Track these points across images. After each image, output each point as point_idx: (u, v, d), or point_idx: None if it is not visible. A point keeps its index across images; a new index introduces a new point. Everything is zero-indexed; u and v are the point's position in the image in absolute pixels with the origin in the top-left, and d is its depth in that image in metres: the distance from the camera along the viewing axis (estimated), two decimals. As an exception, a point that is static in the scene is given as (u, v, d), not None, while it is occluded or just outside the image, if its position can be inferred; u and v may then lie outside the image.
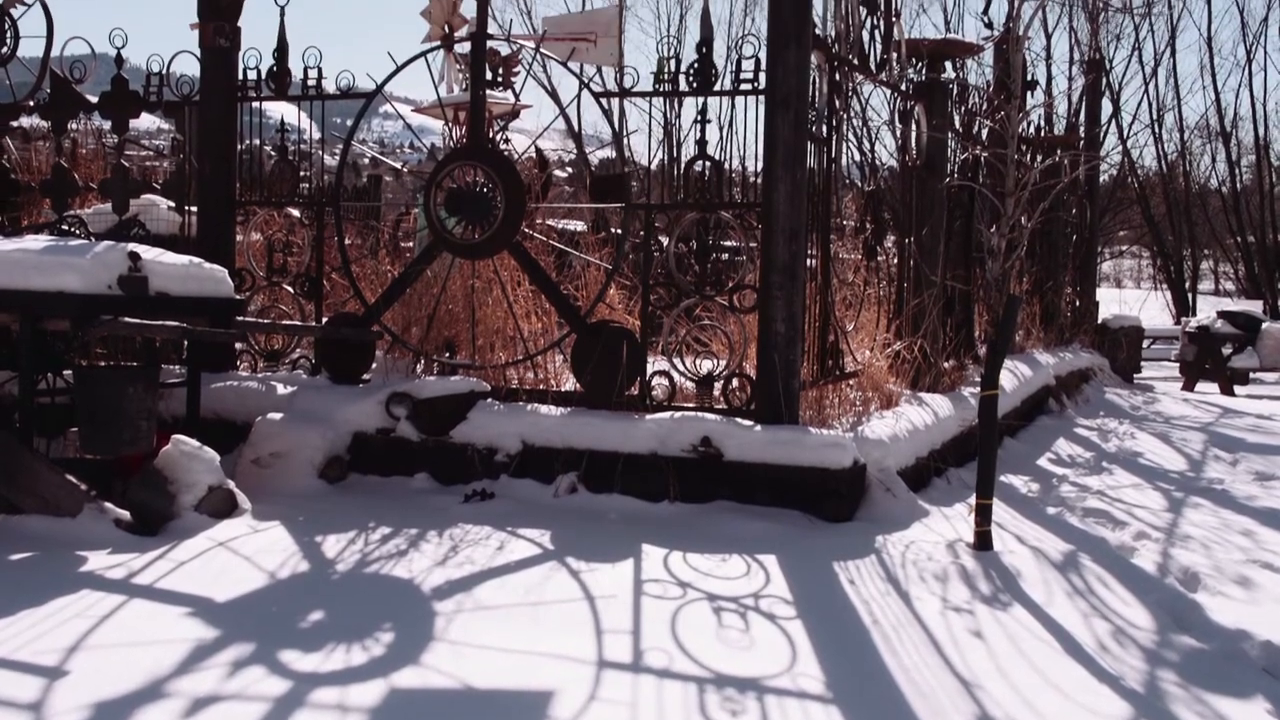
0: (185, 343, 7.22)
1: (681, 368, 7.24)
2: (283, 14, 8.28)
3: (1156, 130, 28.06)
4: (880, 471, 6.59)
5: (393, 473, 7.11)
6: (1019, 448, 9.20)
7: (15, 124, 9.42)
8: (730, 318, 7.26)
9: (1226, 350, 17.00)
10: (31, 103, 8.77)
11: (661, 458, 6.62)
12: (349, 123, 8.33)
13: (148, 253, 6.41)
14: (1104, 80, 24.54)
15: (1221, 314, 17.59)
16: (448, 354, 7.85)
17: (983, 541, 5.71)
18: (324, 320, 8.14)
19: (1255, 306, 20.11)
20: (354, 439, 7.16)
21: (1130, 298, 30.34)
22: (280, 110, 8.69)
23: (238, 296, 7.30)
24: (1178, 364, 17.89)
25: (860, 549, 5.68)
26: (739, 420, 6.69)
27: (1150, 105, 27.87)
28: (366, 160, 20.27)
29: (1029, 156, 12.72)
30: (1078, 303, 16.22)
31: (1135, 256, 45.07)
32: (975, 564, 5.45)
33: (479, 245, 7.48)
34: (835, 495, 6.32)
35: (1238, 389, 16.62)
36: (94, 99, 8.62)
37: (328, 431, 7.05)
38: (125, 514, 5.74)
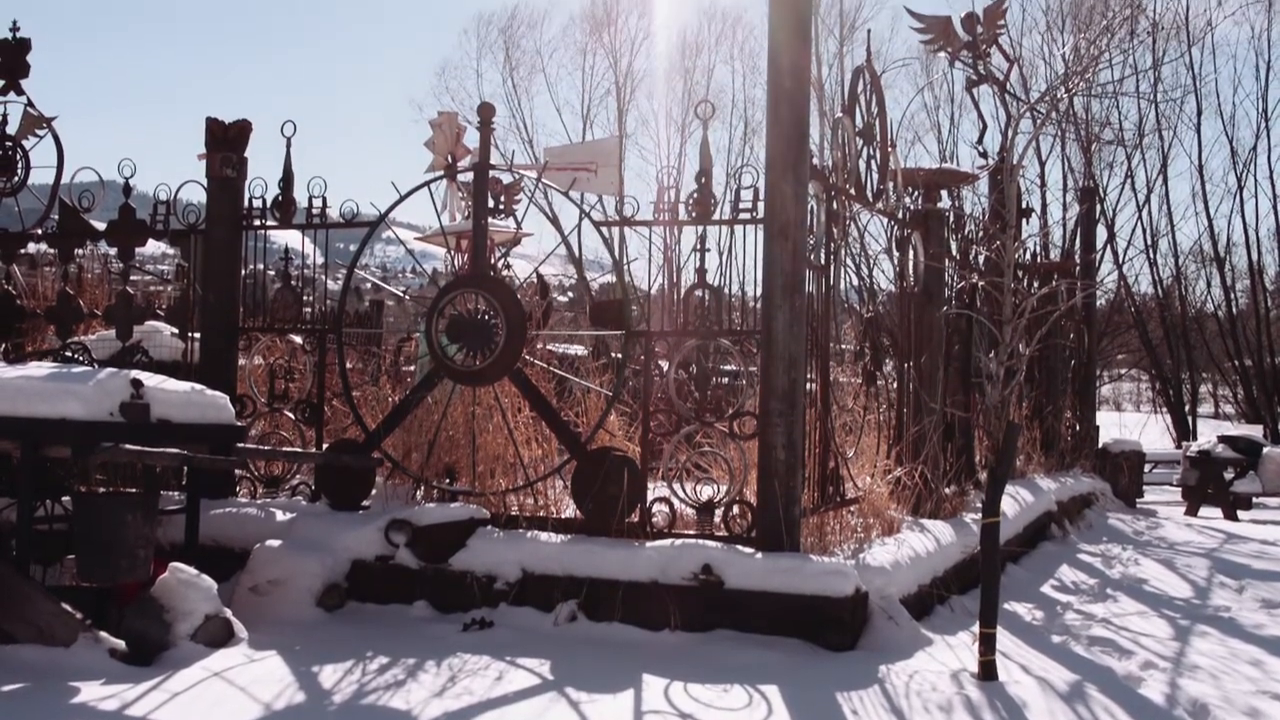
0: (185, 469, 7.21)
1: (682, 494, 7.22)
2: (289, 145, 8.43)
3: (1151, 255, 28.31)
4: (883, 599, 6.53)
5: (391, 600, 7.04)
6: (1022, 574, 9.13)
7: (23, 251, 9.53)
8: (730, 444, 7.26)
9: (1228, 475, 16.95)
10: (40, 230, 8.89)
11: (662, 586, 6.57)
12: (353, 247, 8.42)
13: (150, 380, 6.44)
14: (1098, 207, 24.86)
15: (1222, 438, 17.57)
16: (448, 480, 7.84)
17: (987, 671, 5.63)
18: (324, 446, 8.14)
19: (1256, 431, 20.09)
20: (353, 566, 7.11)
21: (1130, 421, 30.32)
22: (285, 236, 8.80)
23: (239, 423, 7.31)
24: (1180, 489, 17.82)
25: (863, 679, 5.60)
26: (740, 548, 6.65)
27: (1144, 231, 28.15)
28: (369, 285, 20.44)
29: (1026, 283, 12.84)
30: (1078, 427, 16.24)
31: (1134, 380, 45.16)
32: (980, 695, 5.38)
33: (480, 372, 7.52)
34: (837, 624, 6.26)
35: (1241, 514, 16.54)
36: (101, 225, 8.74)
37: (326, 559, 7.01)
38: (120, 643, 5.68)
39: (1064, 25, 27.71)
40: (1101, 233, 26.33)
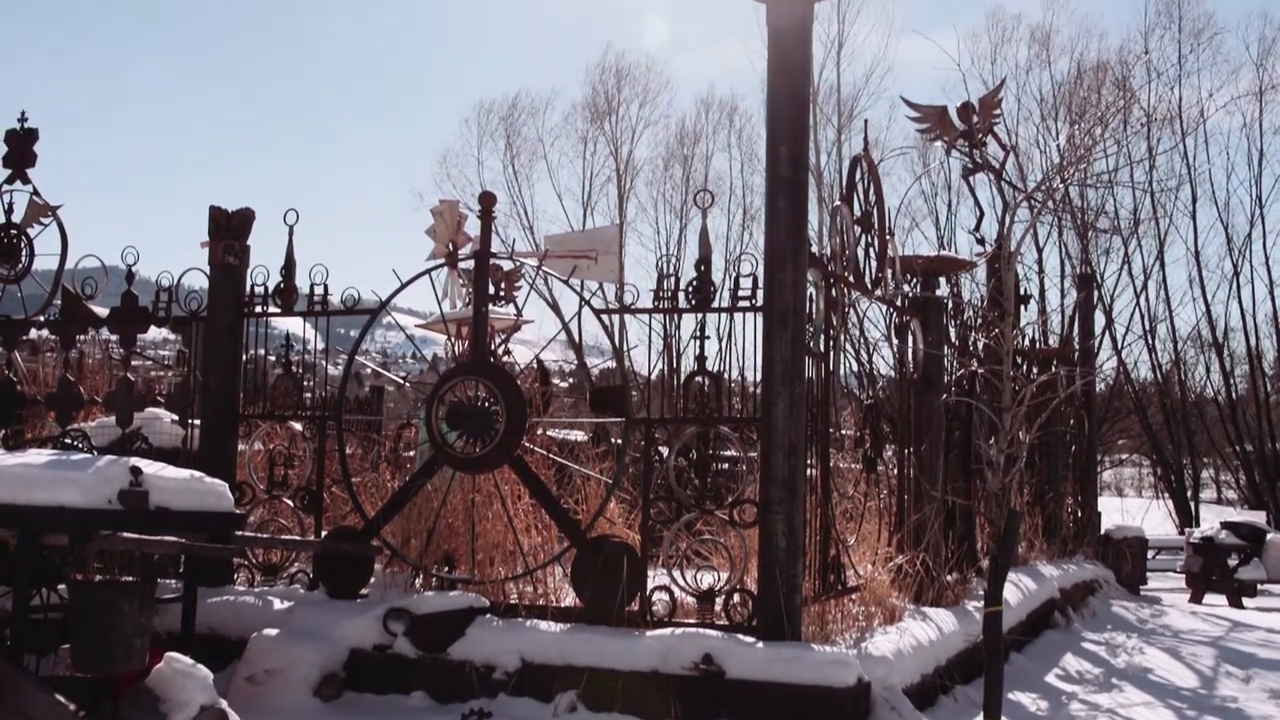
0: (183, 556, 7.17)
1: (682, 582, 7.18)
2: (291, 233, 8.48)
3: (1150, 341, 28.41)
4: (885, 689, 6.46)
5: (389, 690, 6.97)
6: (1026, 663, 9.04)
7: (24, 337, 9.56)
8: (731, 531, 7.23)
9: (1232, 562, 16.85)
10: (42, 317, 8.93)
11: (663, 675, 6.50)
12: (354, 332, 8.45)
13: (149, 467, 6.42)
14: (1096, 293, 24.98)
15: (1225, 524, 17.50)
16: (446, 568, 7.79)
17: (992, 764, 5.56)
18: (323, 534, 8.11)
19: (1258, 517, 20.03)
20: (350, 655, 7.04)
21: (1132, 506, 30.19)
22: (287, 322, 8.84)
23: (238, 510, 7.28)
24: (1184, 575, 17.71)
25: (867, 772, 5.53)
26: (741, 637, 6.59)
27: (1143, 316, 28.28)
28: (369, 371, 20.49)
29: (1025, 369, 12.87)
30: (1079, 513, 16.17)
31: (1136, 465, 45.05)
32: (985, 788, 5.31)
33: (480, 459, 7.51)
34: (840, 714, 6.18)
35: (1246, 601, 16.41)
36: (104, 311, 8.77)
37: (324, 648, 6.94)
38: (114, 735, 5.61)
39: (1058, 115, 28.09)
40: (1100, 318, 26.44)
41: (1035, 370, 12.98)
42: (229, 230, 8.62)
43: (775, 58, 6.99)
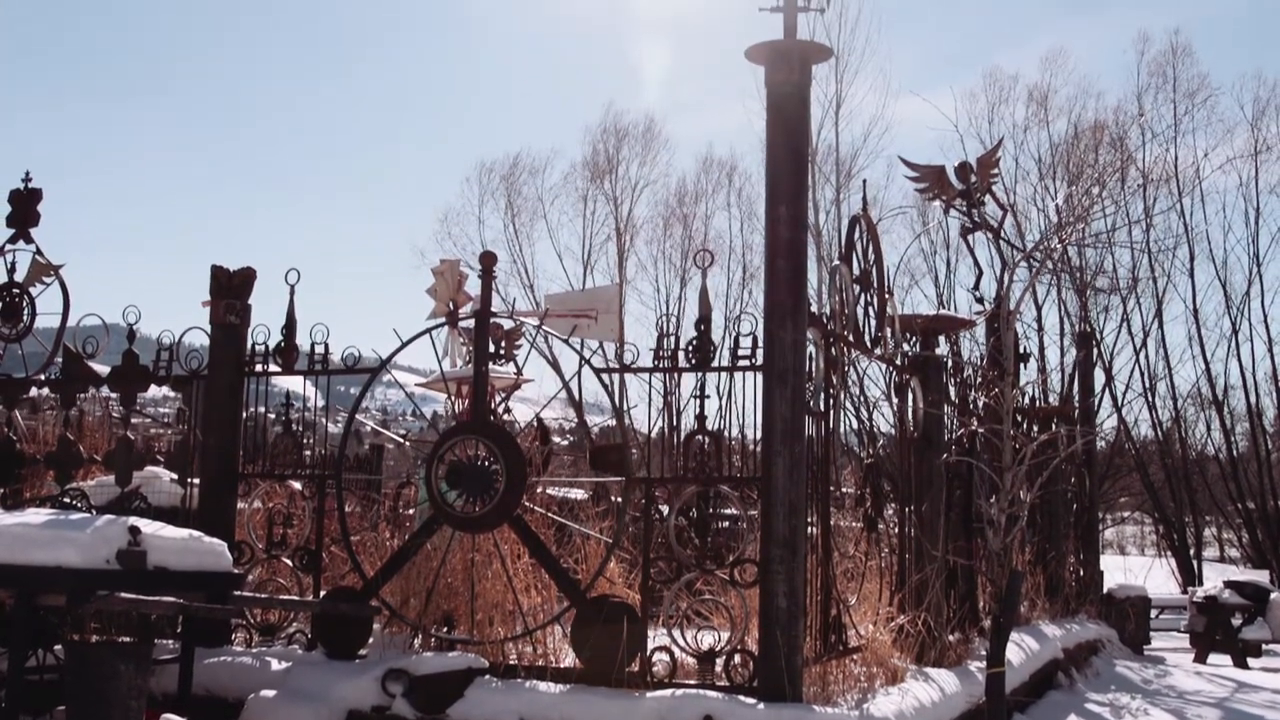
0: (181, 616, 7.13)
1: (683, 643, 7.14)
2: (292, 292, 8.50)
3: (1150, 399, 28.38)
4: (887, 752, 6.40)
5: (387, 753, 6.89)
6: (1029, 725, 8.96)
7: (25, 396, 9.56)
8: (732, 591, 7.19)
9: (1236, 621, 16.73)
10: (43, 376, 8.94)
11: (663, 737, 6.44)
12: (354, 390, 8.45)
13: (148, 527, 6.41)
14: (1095, 351, 25.00)
15: (1229, 584, 17.39)
16: (446, 628, 7.74)
17: (996, 829, 5.50)
18: (322, 594, 8.07)
19: (1262, 576, 19.90)
20: (349, 717, 6.97)
21: (1135, 565, 30.05)
22: (287, 380, 8.84)
23: (236, 570, 7.26)
24: (1187, 635, 17.59)
25: (869, 837, 5.47)
26: (742, 698, 6.54)
27: (1143, 374, 28.28)
28: (369, 428, 20.46)
29: (1025, 426, 12.86)
30: (1081, 572, 16.10)
31: (1138, 523, 44.89)
32: None
33: (479, 519, 7.48)
34: (842, 778, 6.12)
35: (1251, 661, 16.29)
36: (104, 369, 8.78)
37: (321, 709, 6.88)
38: (108, 799, 5.55)
39: (1056, 174, 28.24)
40: (1100, 376, 26.45)
41: (1036, 428, 12.98)
42: (231, 289, 8.65)
43: (774, 120, 7.05)
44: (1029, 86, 29.44)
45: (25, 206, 8.87)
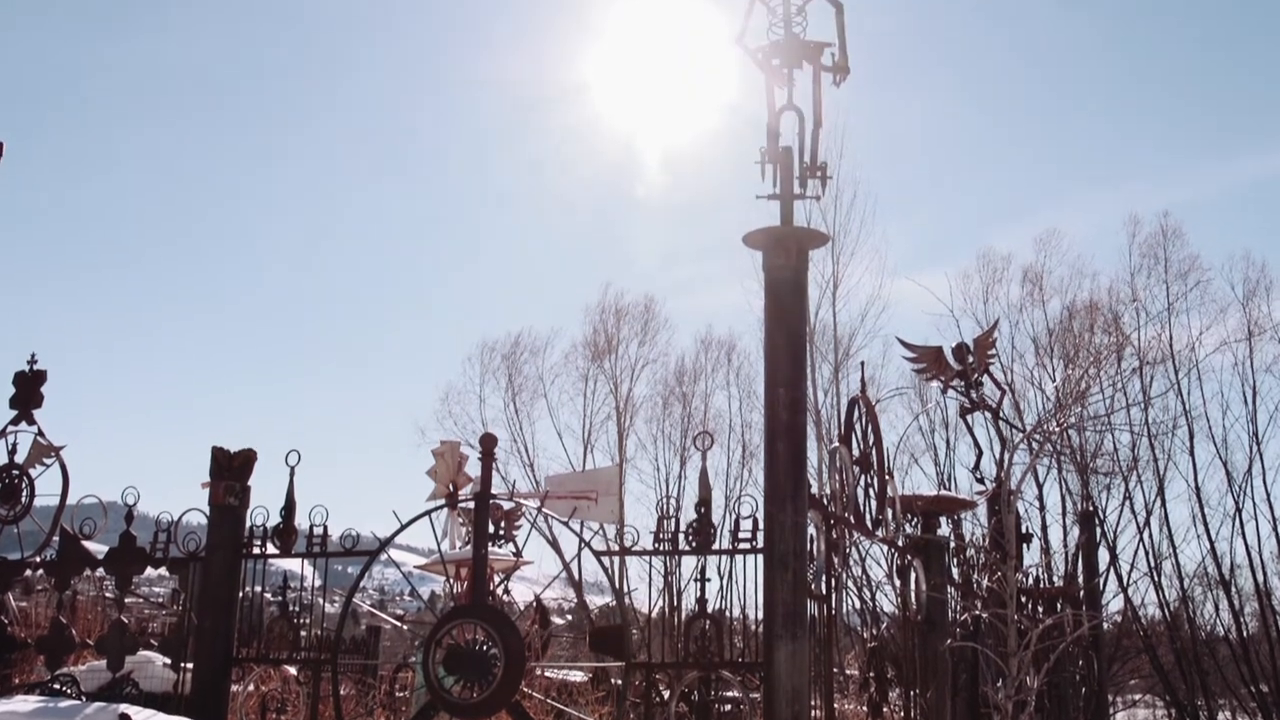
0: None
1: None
2: (292, 474, 8.51)
3: (1156, 578, 28.09)
4: None
5: None
6: None
7: (19, 577, 9.49)
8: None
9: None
10: (39, 559, 8.88)
11: None
12: (351, 569, 8.38)
13: (139, 714, 6.30)
14: (1098, 529, 24.85)
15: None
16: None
17: None
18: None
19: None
20: None
21: (1148, 751, 29.32)
22: (285, 560, 8.78)
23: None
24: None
25: None
26: None
27: (1147, 553, 28.04)
28: (365, 608, 20.25)
29: (1030, 608, 12.70)
30: (1093, 759, 15.69)
31: (1149, 706, 43.92)
32: None
33: (477, 705, 7.34)
34: None
35: None
36: (101, 549, 8.73)
37: None
38: None
39: (1053, 353, 28.49)
40: (1104, 555, 26.24)
41: (1041, 609, 12.81)
42: (231, 470, 8.65)
43: (772, 304, 7.16)
44: (1023, 267, 29.94)
45: (29, 389, 8.95)
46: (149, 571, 10.50)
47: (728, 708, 11.84)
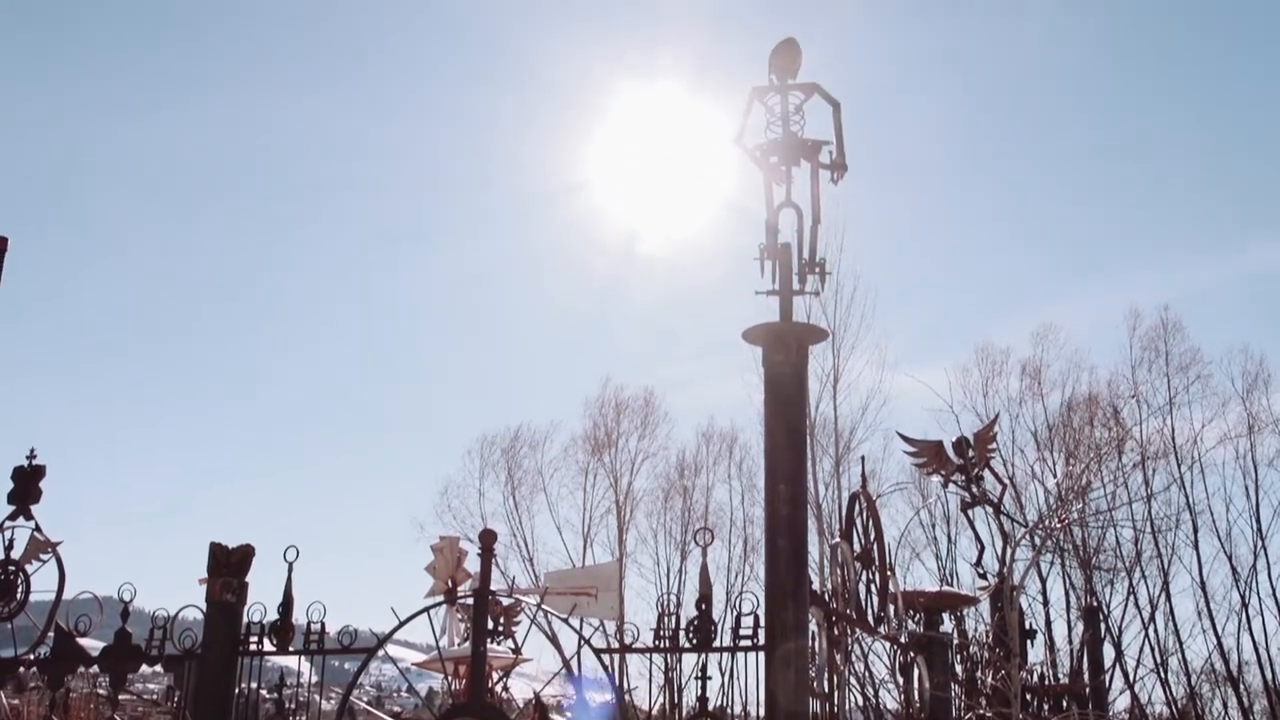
0: None
1: None
2: (290, 570, 8.44)
3: (1162, 674, 27.78)
4: None
5: None
6: None
7: (12, 675, 9.38)
8: None
9: None
10: (32, 656, 8.78)
11: None
12: (349, 665, 8.29)
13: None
14: (1103, 624, 24.62)
15: None
16: None
17: None
18: None
19: None
20: None
21: None
22: (282, 657, 8.69)
23: None
24: None
25: None
26: None
27: (1153, 649, 27.74)
28: (361, 705, 20.00)
29: (1035, 704, 12.54)
30: None
31: (1157, 806, 43.15)
32: None
33: (474, 807, 7.22)
34: None
35: None
36: (97, 643, 8.64)
37: None
38: None
39: (1053, 446, 28.44)
40: (1109, 650, 25.97)
41: (1046, 707, 12.66)
42: (229, 567, 8.59)
43: (772, 400, 7.17)
44: (1021, 361, 30.02)
45: (28, 484, 8.92)
46: (144, 668, 10.40)
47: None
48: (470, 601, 7.97)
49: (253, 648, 8.40)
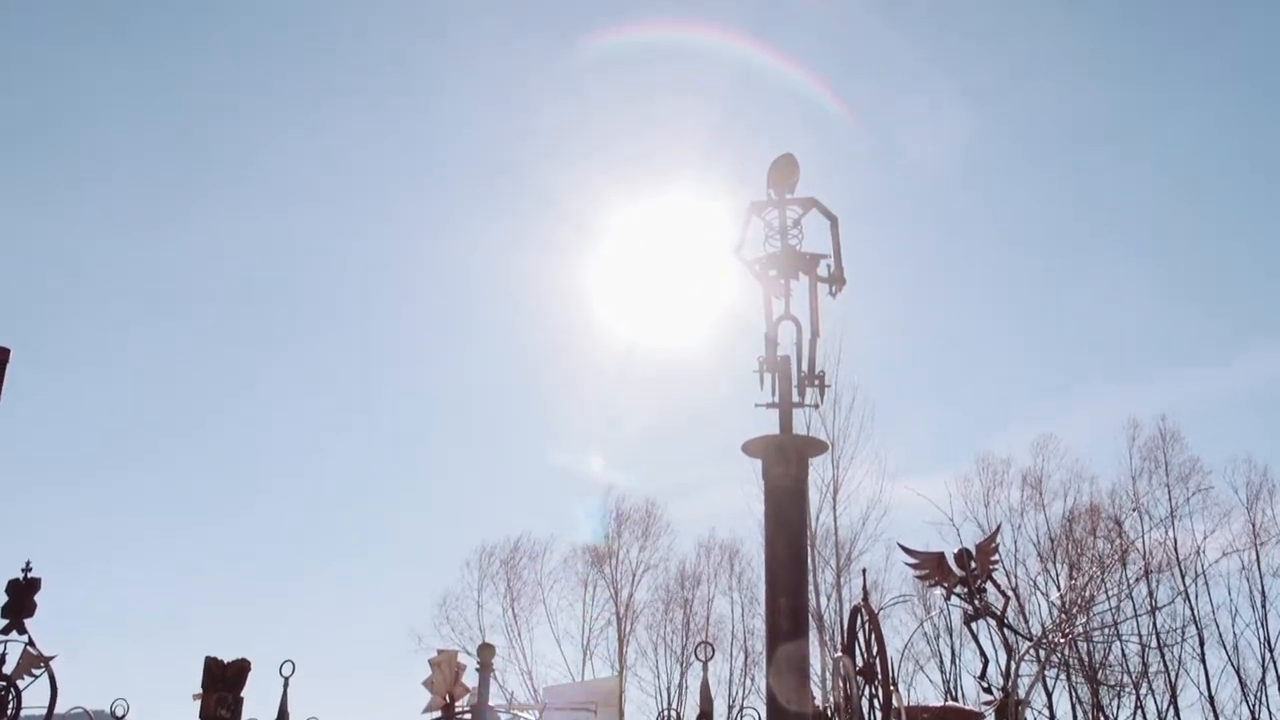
0: None
1: None
2: (286, 684, 8.37)
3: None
4: None
5: None
6: None
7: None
8: None
9: None
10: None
11: None
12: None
13: None
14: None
15: None
16: None
17: None
18: None
19: None
20: None
21: None
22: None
23: None
24: None
25: None
26: None
27: (1169, 769, 27.26)
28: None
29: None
30: None
31: None
32: None
33: None
34: None
35: None
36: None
37: None
38: None
39: (1056, 556, 28.24)
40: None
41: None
42: (224, 681, 8.50)
43: (772, 513, 7.13)
44: (1022, 471, 29.97)
45: (22, 597, 8.85)
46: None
47: None
48: (468, 717, 7.87)
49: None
